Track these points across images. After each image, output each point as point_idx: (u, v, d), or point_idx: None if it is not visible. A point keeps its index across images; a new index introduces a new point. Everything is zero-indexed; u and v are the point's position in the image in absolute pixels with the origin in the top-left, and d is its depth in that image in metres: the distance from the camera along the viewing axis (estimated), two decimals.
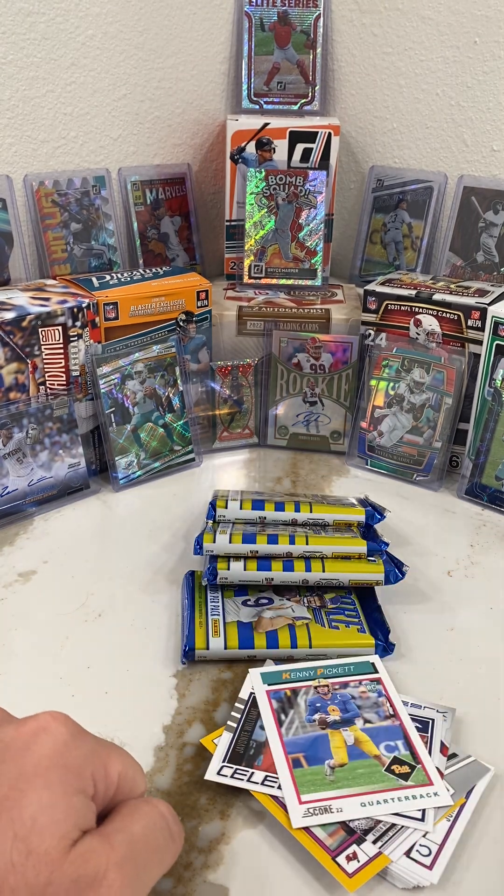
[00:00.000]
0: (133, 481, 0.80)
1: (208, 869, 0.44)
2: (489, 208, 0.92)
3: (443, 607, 0.65)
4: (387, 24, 0.99)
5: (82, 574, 0.67)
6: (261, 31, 1.00)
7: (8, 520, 0.73)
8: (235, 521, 0.65)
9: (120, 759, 0.37)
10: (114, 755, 0.37)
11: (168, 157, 1.02)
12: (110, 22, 0.90)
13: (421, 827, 0.45)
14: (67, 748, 0.35)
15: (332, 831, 0.44)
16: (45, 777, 0.34)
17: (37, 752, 0.35)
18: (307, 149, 0.96)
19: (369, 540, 0.63)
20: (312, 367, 0.87)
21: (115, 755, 0.37)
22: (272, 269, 0.96)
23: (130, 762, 0.38)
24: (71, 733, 0.36)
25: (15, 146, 0.87)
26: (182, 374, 0.83)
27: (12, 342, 0.72)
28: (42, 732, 0.35)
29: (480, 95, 0.94)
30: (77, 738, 0.36)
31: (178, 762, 0.50)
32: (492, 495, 0.78)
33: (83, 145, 0.93)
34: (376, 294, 0.84)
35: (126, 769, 0.37)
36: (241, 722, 0.51)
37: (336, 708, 0.52)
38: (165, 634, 0.61)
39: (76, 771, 0.35)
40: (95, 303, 0.77)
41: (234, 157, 0.96)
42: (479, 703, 0.55)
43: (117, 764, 0.37)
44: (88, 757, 0.36)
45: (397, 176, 1.00)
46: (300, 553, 0.62)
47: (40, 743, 0.35)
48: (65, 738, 0.35)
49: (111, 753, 0.37)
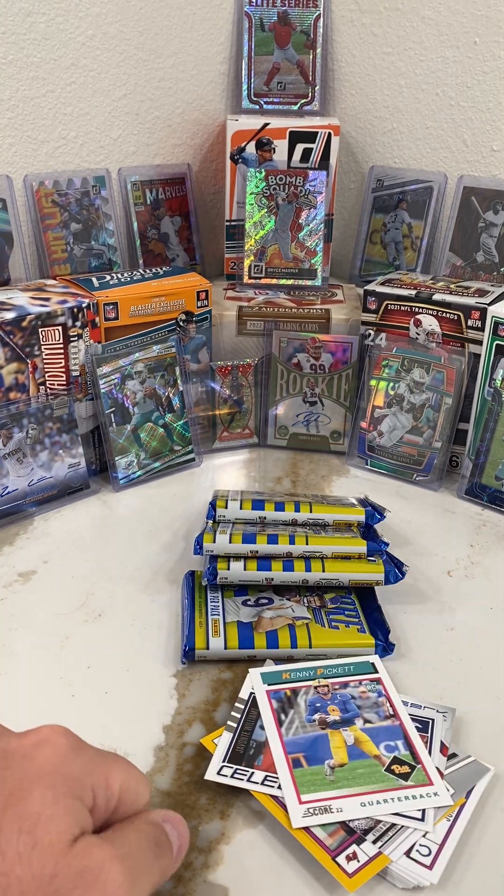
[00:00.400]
0: (133, 481, 0.81)
1: (208, 869, 0.44)
2: (489, 208, 0.92)
3: (443, 607, 0.65)
4: (387, 24, 0.99)
5: (82, 574, 0.67)
6: (261, 31, 1.00)
7: (8, 520, 0.73)
8: (235, 521, 0.65)
9: (122, 770, 0.38)
10: (115, 767, 0.38)
11: (168, 157, 1.02)
12: (110, 22, 0.90)
13: (421, 827, 0.45)
14: (68, 759, 0.36)
15: (332, 831, 0.44)
16: (48, 779, 0.35)
17: (38, 760, 0.35)
18: (307, 149, 0.96)
19: (369, 540, 0.63)
20: (312, 367, 0.87)
21: (117, 767, 0.38)
22: (272, 269, 0.96)
23: (133, 773, 0.38)
24: (71, 745, 0.37)
25: (15, 146, 0.87)
26: (182, 374, 0.83)
27: (12, 342, 0.72)
28: (43, 744, 0.36)
29: (480, 95, 0.94)
30: (77, 750, 0.37)
31: (178, 762, 0.50)
32: (492, 495, 0.78)
33: (83, 145, 0.93)
34: (376, 294, 0.84)
35: (128, 781, 0.38)
36: (241, 722, 0.51)
37: (336, 708, 0.52)
38: (165, 634, 0.61)
39: (76, 780, 0.35)
40: (95, 303, 0.77)
41: (234, 157, 0.96)
42: (479, 703, 0.55)
43: (119, 776, 0.37)
44: (88, 768, 0.36)
45: (397, 176, 1.00)
46: (300, 553, 0.62)
47: (42, 753, 0.36)
48: (65, 750, 0.36)
49: (112, 765, 0.38)
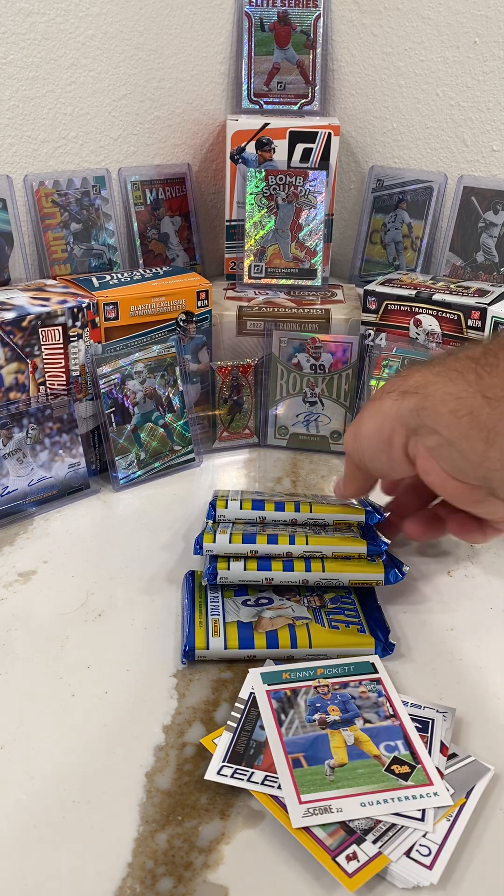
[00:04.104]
0: (133, 481, 0.81)
1: (208, 869, 0.44)
2: (489, 208, 0.92)
3: (443, 607, 0.65)
4: (387, 24, 0.99)
5: (82, 574, 0.67)
6: (261, 31, 1.00)
7: (8, 520, 0.73)
8: (235, 521, 0.65)
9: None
10: None
11: (168, 158, 1.02)
12: (110, 22, 0.90)
13: (421, 827, 0.45)
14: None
15: (332, 831, 0.44)
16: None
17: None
18: (307, 149, 0.96)
19: (369, 540, 0.63)
20: (312, 367, 0.87)
21: None
22: (272, 269, 0.96)
23: None
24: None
25: (15, 146, 0.87)
26: (182, 374, 0.83)
27: (12, 342, 0.72)
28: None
29: (480, 95, 0.94)
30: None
31: (178, 762, 0.50)
32: None
33: (83, 145, 0.93)
34: (376, 294, 0.84)
35: None
36: (241, 722, 0.51)
37: (336, 708, 0.52)
38: (165, 634, 0.61)
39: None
40: (95, 303, 0.77)
41: (234, 157, 0.96)
42: (479, 703, 0.55)
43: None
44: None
45: (397, 176, 1.00)
46: (300, 553, 0.62)
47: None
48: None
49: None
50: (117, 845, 0.45)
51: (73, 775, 0.49)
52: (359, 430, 0.57)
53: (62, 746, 0.51)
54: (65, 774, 0.49)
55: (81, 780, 0.49)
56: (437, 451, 0.51)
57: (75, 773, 0.49)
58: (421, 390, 0.52)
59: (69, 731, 0.52)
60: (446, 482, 0.52)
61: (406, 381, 0.54)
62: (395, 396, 0.54)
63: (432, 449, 0.52)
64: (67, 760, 0.50)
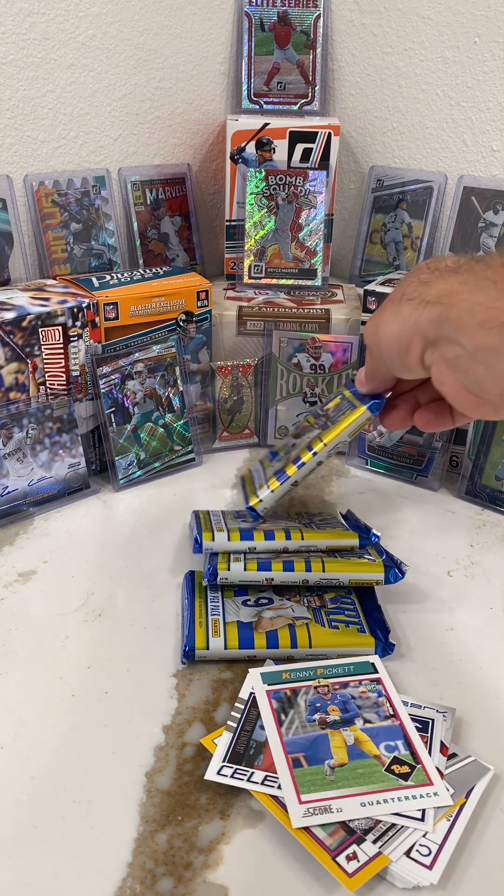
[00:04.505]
0: (133, 481, 0.81)
1: (208, 869, 0.44)
2: (489, 208, 0.92)
3: (443, 607, 0.65)
4: (387, 24, 0.99)
5: (82, 574, 0.67)
6: (261, 31, 1.00)
7: (8, 520, 0.73)
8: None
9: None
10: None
11: (168, 157, 1.02)
12: (110, 22, 0.90)
13: (421, 827, 0.45)
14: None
15: (332, 831, 0.44)
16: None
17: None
18: (307, 149, 0.96)
19: (360, 533, 0.65)
20: (312, 367, 0.87)
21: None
22: (272, 269, 0.96)
23: None
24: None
25: (15, 146, 0.87)
26: (182, 374, 0.83)
27: (12, 342, 0.72)
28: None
29: (480, 95, 0.94)
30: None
31: (178, 762, 0.50)
32: (492, 495, 0.78)
33: (83, 145, 0.93)
34: (376, 294, 0.84)
35: None
36: (241, 722, 0.51)
37: (336, 708, 0.52)
38: (165, 634, 0.61)
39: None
40: (95, 303, 0.77)
41: (234, 157, 0.96)
42: (479, 703, 0.55)
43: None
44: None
45: (397, 176, 1.00)
46: (297, 547, 0.63)
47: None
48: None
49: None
50: (117, 845, 0.45)
51: (73, 775, 0.49)
52: (377, 330, 0.55)
53: (62, 746, 0.51)
54: (65, 775, 0.49)
55: (81, 781, 0.49)
56: (455, 363, 0.49)
57: (75, 774, 0.49)
58: (444, 300, 0.49)
59: (69, 731, 0.52)
60: (460, 394, 0.50)
61: (428, 290, 0.51)
62: (414, 305, 0.51)
63: (450, 360, 0.50)
64: (68, 760, 0.50)
